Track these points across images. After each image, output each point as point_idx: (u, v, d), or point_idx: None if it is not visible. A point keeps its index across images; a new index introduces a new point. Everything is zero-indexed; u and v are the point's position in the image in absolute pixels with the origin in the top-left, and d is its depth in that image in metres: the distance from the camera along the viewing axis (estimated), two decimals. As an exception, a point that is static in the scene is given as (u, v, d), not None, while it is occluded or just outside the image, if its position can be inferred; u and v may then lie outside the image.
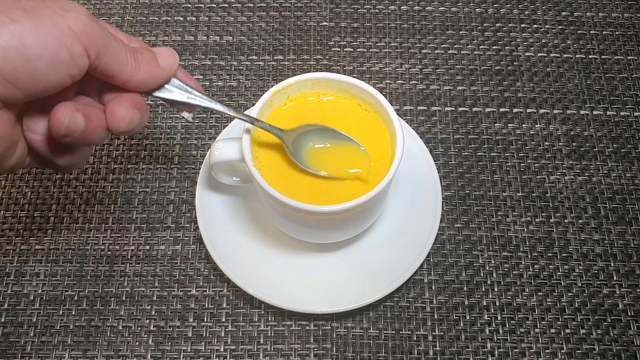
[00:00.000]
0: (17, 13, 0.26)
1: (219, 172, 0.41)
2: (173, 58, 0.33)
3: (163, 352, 0.42)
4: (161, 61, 0.33)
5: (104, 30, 0.29)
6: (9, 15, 0.26)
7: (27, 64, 0.27)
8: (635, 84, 0.52)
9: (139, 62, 0.31)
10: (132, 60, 0.31)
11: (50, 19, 0.27)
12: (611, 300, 0.44)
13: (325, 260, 0.43)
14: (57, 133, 0.29)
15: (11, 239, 0.45)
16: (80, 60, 0.28)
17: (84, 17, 0.28)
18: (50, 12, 0.27)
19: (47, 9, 0.27)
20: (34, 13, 0.27)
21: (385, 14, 0.56)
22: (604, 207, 0.47)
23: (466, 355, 0.42)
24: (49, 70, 0.27)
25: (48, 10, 0.27)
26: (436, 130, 0.50)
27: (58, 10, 0.27)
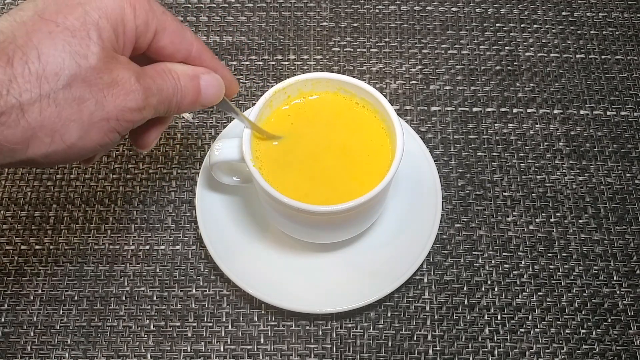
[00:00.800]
0: (71, 130, 0.27)
1: (219, 172, 0.41)
2: (216, 97, 0.33)
3: (163, 352, 0.42)
4: (202, 99, 0.33)
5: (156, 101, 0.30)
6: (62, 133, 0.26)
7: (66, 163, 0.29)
8: (635, 84, 0.52)
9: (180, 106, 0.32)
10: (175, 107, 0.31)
11: (102, 131, 0.28)
12: (611, 300, 0.44)
13: (325, 260, 0.43)
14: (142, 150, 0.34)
15: (11, 239, 0.45)
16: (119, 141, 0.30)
17: (137, 116, 0.29)
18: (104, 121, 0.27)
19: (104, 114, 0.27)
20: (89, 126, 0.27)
21: (385, 14, 0.56)
22: (604, 207, 0.47)
23: (466, 355, 0.42)
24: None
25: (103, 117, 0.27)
26: (436, 130, 0.50)
27: (113, 117, 0.28)
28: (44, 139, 0.26)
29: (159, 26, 0.30)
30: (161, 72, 0.30)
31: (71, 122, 0.26)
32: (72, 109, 0.26)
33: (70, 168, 0.48)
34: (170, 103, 0.31)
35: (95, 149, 0.28)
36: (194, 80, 0.32)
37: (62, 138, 0.26)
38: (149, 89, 0.29)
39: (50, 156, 0.27)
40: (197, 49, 0.33)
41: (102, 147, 0.28)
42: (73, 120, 0.26)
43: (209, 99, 0.33)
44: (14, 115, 0.25)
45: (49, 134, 0.26)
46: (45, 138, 0.26)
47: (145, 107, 0.29)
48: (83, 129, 0.27)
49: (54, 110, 0.26)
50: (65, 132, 0.26)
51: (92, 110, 0.27)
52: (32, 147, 0.26)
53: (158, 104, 0.30)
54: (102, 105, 0.27)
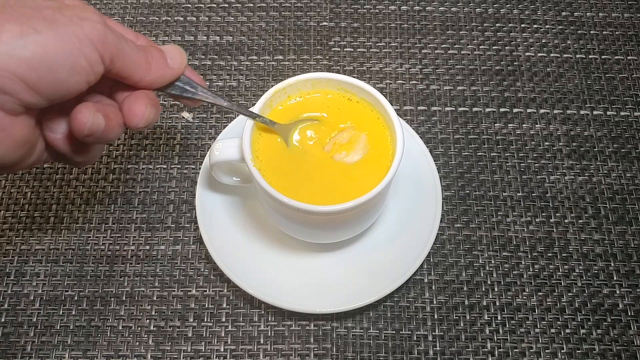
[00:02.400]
0: (39, 24, 0.27)
1: (219, 172, 0.41)
2: (181, 57, 0.35)
3: (163, 352, 0.42)
4: (170, 60, 0.34)
5: (117, 36, 0.30)
6: (32, 26, 0.27)
7: (49, 72, 0.28)
8: (635, 84, 0.52)
9: (150, 63, 0.33)
10: (143, 61, 0.32)
11: (69, 29, 0.28)
12: (611, 300, 0.44)
13: (325, 260, 0.43)
14: (79, 133, 0.31)
15: (11, 239, 0.45)
16: (97, 67, 0.30)
17: (99, 26, 0.29)
18: (68, 21, 0.28)
19: (66, 18, 0.28)
20: (55, 23, 0.28)
21: (385, 14, 0.56)
22: (604, 207, 0.47)
23: (466, 355, 0.42)
24: (69, 78, 0.29)
25: (66, 19, 0.28)
26: (436, 130, 0.50)
27: (75, 20, 0.28)
28: (13, 30, 0.27)
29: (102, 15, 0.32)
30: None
31: (35, 18, 0.27)
32: (31, 12, 0.27)
33: (71, 168, 0.48)
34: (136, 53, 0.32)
35: (73, 47, 0.28)
36: (151, 44, 0.34)
37: (32, 27, 0.27)
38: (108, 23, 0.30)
39: (27, 45, 0.27)
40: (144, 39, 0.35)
41: (79, 49, 0.28)
42: (36, 17, 0.27)
43: (176, 57, 0.34)
44: None
45: (16, 26, 0.27)
46: (13, 29, 0.27)
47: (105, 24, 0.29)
48: (48, 22, 0.27)
49: (13, 12, 0.27)
50: (33, 23, 0.27)
51: (52, 13, 0.28)
52: (3, 37, 0.26)
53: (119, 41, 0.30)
54: (61, 11, 0.28)
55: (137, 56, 0.32)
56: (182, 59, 0.35)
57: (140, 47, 0.32)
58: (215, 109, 0.51)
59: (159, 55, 0.33)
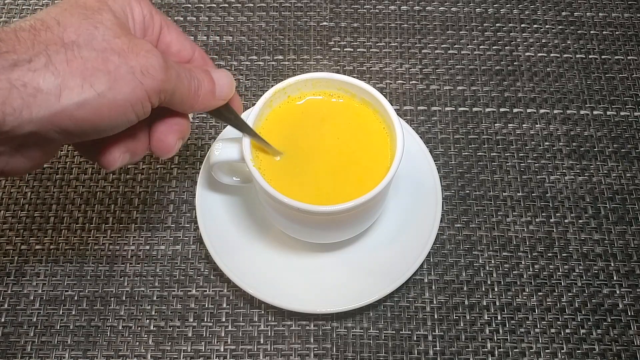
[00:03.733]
0: (101, 80, 0.27)
1: (219, 172, 0.41)
2: (229, 88, 0.34)
3: (163, 352, 0.42)
4: (218, 91, 0.34)
5: (175, 76, 0.30)
6: (93, 83, 0.27)
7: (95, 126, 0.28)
8: (635, 84, 0.52)
9: (199, 96, 0.32)
10: (193, 94, 0.32)
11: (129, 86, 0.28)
12: (611, 300, 0.44)
13: (325, 260, 0.43)
14: (107, 169, 0.32)
15: (11, 239, 0.45)
16: (144, 116, 0.30)
17: (161, 76, 0.29)
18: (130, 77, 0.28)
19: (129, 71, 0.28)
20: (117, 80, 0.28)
21: (385, 14, 0.56)
22: (604, 207, 0.47)
23: (466, 355, 0.42)
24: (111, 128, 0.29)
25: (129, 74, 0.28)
26: (436, 130, 0.50)
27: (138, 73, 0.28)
28: (75, 87, 0.27)
29: (164, 22, 0.33)
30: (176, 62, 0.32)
31: (98, 72, 0.27)
32: (97, 61, 0.27)
33: (71, 168, 0.48)
34: (190, 86, 0.32)
35: (126, 107, 0.28)
36: (206, 72, 0.33)
37: (92, 86, 0.27)
38: (168, 61, 0.30)
39: (83, 106, 0.27)
40: (199, 52, 0.35)
41: (132, 107, 0.29)
42: (100, 70, 0.27)
43: (224, 89, 0.34)
44: (42, 60, 0.26)
45: (79, 81, 0.27)
46: (75, 85, 0.27)
47: (167, 69, 0.29)
48: (111, 78, 0.28)
49: (80, 61, 0.27)
50: (95, 80, 0.27)
51: (117, 63, 0.28)
52: (64, 94, 0.27)
53: (177, 79, 0.30)
54: (126, 59, 0.28)
55: (188, 91, 0.32)
56: (231, 90, 0.34)
57: (193, 77, 0.32)
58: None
59: (209, 86, 0.33)
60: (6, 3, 0.56)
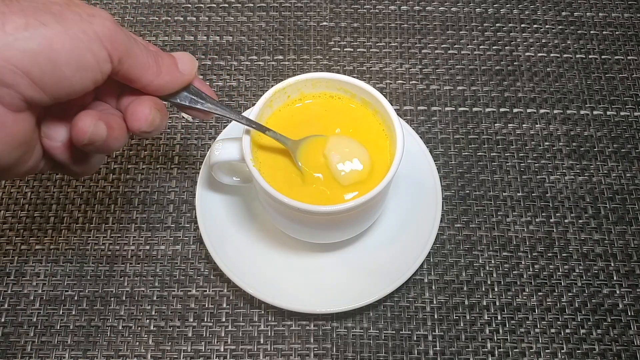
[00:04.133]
0: (46, 17, 0.27)
1: (219, 172, 0.41)
2: (192, 63, 0.34)
3: (163, 352, 0.42)
4: (181, 66, 0.33)
5: (127, 35, 0.30)
6: (38, 18, 0.26)
7: (55, 68, 0.27)
8: (635, 84, 0.52)
9: (160, 66, 0.32)
10: (153, 64, 0.31)
11: (78, 25, 0.27)
12: (611, 300, 0.44)
13: (325, 260, 0.43)
14: (79, 142, 0.30)
15: (11, 239, 0.45)
16: (104, 65, 0.29)
17: (108, 23, 0.28)
18: (77, 17, 0.27)
19: (74, 14, 0.27)
20: (62, 18, 0.27)
21: (385, 14, 0.56)
22: (604, 207, 0.47)
23: (466, 355, 0.42)
24: (75, 75, 0.28)
25: (75, 15, 0.27)
26: (436, 130, 0.50)
27: (84, 16, 0.28)
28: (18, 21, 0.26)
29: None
30: None
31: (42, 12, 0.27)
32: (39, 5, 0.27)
33: (70, 168, 0.48)
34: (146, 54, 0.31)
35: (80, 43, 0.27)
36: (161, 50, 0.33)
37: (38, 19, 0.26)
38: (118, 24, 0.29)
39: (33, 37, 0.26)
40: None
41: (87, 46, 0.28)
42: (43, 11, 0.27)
43: (186, 64, 0.33)
44: None
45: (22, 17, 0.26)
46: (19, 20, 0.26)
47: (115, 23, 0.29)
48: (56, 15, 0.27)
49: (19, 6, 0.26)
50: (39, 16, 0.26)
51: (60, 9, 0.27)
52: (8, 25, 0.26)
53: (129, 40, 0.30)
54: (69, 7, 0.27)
55: (146, 57, 0.31)
56: (193, 66, 0.34)
57: (151, 50, 0.32)
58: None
59: (169, 59, 0.32)
60: (6, 3, 0.56)
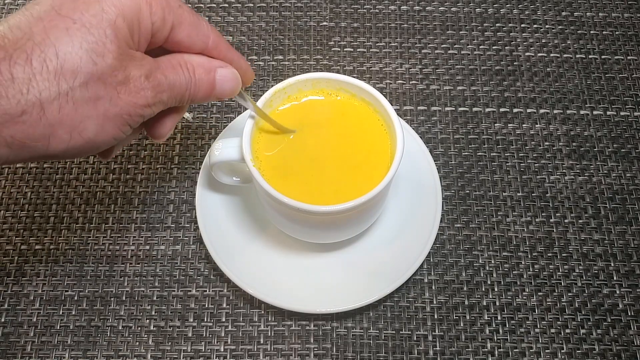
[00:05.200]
0: (88, 127, 0.28)
1: (219, 172, 0.41)
2: (231, 90, 0.34)
3: (163, 352, 0.42)
4: (218, 93, 0.33)
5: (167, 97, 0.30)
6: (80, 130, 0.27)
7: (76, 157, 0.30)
8: (635, 84, 0.52)
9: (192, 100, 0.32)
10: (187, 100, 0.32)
11: (116, 125, 0.29)
12: (611, 300, 0.44)
13: (326, 260, 0.43)
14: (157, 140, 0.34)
15: (11, 239, 0.45)
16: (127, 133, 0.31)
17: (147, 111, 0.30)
18: (118, 117, 0.29)
19: (118, 110, 0.28)
20: (104, 120, 0.28)
21: (385, 14, 0.56)
22: (604, 207, 0.47)
23: (466, 355, 0.42)
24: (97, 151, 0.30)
25: (117, 113, 0.28)
26: (436, 130, 0.50)
27: (125, 112, 0.29)
28: (64, 136, 0.27)
29: (176, 20, 0.31)
30: (176, 65, 0.31)
31: (88, 119, 0.27)
32: (89, 106, 0.27)
33: (71, 168, 0.48)
34: (183, 96, 0.32)
35: (110, 142, 0.29)
36: (209, 74, 0.32)
37: (80, 134, 0.27)
38: (159, 86, 0.30)
39: (68, 151, 0.28)
40: (213, 40, 0.33)
41: (116, 140, 0.29)
42: (89, 117, 0.27)
43: (225, 92, 0.34)
44: (35, 113, 0.26)
45: (68, 130, 0.27)
46: (64, 135, 0.27)
47: (154, 103, 0.30)
48: (99, 125, 0.28)
49: (71, 107, 0.26)
50: (83, 128, 0.27)
51: (107, 107, 0.28)
52: (52, 144, 0.27)
53: (169, 99, 0.31)
54: (116, 102, 0.28)
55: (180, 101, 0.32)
56: (233, 92, 0.34)
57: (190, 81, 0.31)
58: (215, 109, 0.51)
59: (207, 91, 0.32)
60: (6, 3, 0.56)
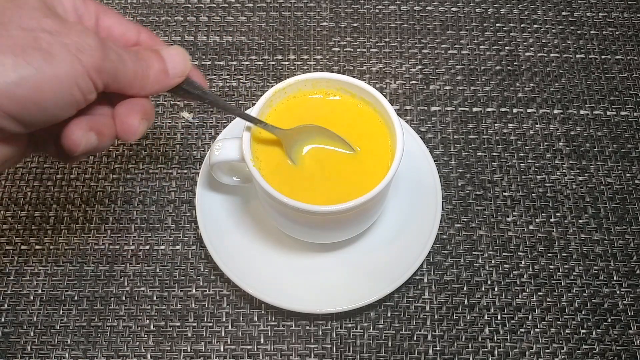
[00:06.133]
0: (35, 56, 0.26)
1: (219, 172, 0.41)
2: (184, 64, 0.33)
3: (163, 352, 0.42)
4: (171, 69, 0.32)
5: (115, 56, 0.29)
6: (27, 59, 0.26)
7: (40, 107, 0.27)
8: (635, 84, 0.52)
9: (148, 76, 0.31)
10: (140, 75, 0.31)
11: (67, 62, 0.27)
12: (611, 300, 0.44)
13: (325, 260, 0.43)
14: (72, 152, 0.30)
15: (11, 239, 0.45)
16: (89, 95, 0.28)
17: (98, 53, 0.28)
18: (65, 53, 0.27)
19: (63, 47, 0.27)
20: (51, 56, 0.26)
21: (385, 14, 0.56)
22: (604, 207, 0.47)
23: (466, 355, 0.42)
24: (58, 109, 0.28)
25: (64, 50, 0.27)
26: (436, 130, 0.50)
27: (73, 49, 0.27)
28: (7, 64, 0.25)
29: (100, 7, 0.31)
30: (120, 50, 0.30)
31: (31, 48, 0.26)
32: (28, 39, 0.26)
33: (71, 168, 0.48)
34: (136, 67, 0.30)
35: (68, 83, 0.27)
36: (154, 52, 0.32)
37: (28, 62, 0.26)
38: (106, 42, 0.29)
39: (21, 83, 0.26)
40: (146, 33, 0.33)
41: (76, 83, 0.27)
42: (32, 47, 0.26)
43: (178, 67, 0.32)
44: None
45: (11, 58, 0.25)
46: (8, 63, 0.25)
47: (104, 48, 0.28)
48: (45, 54, 0.26)
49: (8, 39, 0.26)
50: (28, 56, 0.26)
51: (49, 40, 0.26)
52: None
53: (119, 61, 0.29)
54: (58, 36, 0.27)
55: (133, 72, 0.30)
56: (185, 68, 0.33)
57: (140, 58, 0.31)
58: (215, 108, 0.51)
59: (159, 65, 0.32)
60: (6, 3, 0.56)
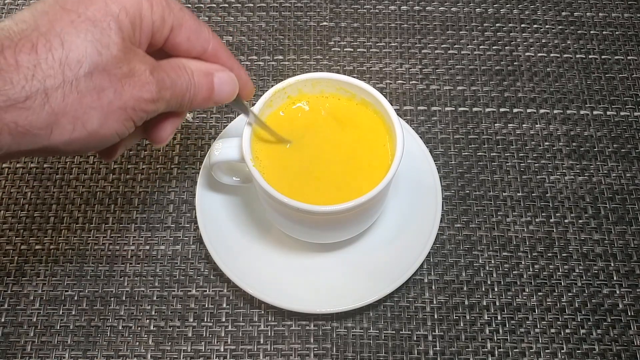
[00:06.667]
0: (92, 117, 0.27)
1: (219, 172, 0.41)
2: (229, 95, 0.34)
3: (163, 352, 0.42)
4: (216, 96, 0.33)
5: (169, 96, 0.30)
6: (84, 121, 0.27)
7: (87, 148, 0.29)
8: (635, 84, 0.52)
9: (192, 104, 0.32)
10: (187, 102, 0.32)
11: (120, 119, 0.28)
12: (611, 300, 0.44)
13: (325, 260, 0.43)
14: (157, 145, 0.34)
15: (11, 239, 0.45)
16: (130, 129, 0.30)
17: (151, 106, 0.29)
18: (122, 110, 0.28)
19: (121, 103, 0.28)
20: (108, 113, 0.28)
21: (385, 14, 0.56)
22: (604, 207, 0.47)
23: (466, 355, 0.42)
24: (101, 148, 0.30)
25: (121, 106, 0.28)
26: (436, 130, 0.50)
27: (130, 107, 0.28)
28: (67, 126, 0.27)
29: (176, 22, 0.31)
30: (175, 67, 0.31)
31: (92, 110, 0.27)
32: (93, 97, 0.27)
33: (71, 168, 0.48)
34: (183, 98, 0.31)
35: (113, 137, 0.29)
36: (207, 77, 0.32)
37: (84, 125, 0.27)
38: (162, 82, 0.30)
39: (71, 143, 0.27)
40: (213, 46, 0.33)
41: (119, 136, 0.29)
42: (93, 108, 0.27)
43: (222, 97, 0.33)
44: (39, 99, 0.26)
45: (71, 120, 0.27)
46: (67, 125, 0.27)
47: (158, 99, 0.29)
48: (103, 116, 0.27)
49: (75, 97, 0.26)
50: (87, 119, 0.27)
51: (111, 99, 0.27)
52: (55, 134, 0.27)
53: (171, 98, 0.30)
54: (120, 94, 0.28)
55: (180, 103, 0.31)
56: (230, 97, 0.34)
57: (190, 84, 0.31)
58: (215, 109, 0.51)
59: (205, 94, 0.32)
60: (6, 3, 0.56)
